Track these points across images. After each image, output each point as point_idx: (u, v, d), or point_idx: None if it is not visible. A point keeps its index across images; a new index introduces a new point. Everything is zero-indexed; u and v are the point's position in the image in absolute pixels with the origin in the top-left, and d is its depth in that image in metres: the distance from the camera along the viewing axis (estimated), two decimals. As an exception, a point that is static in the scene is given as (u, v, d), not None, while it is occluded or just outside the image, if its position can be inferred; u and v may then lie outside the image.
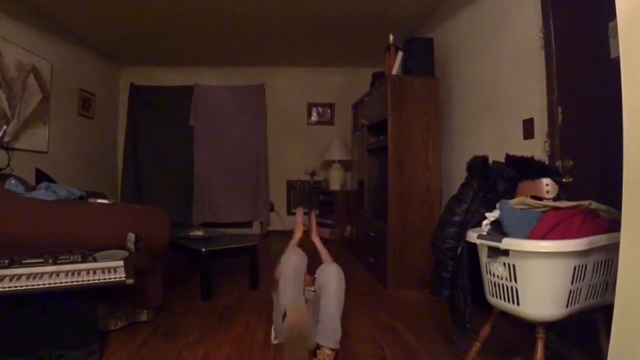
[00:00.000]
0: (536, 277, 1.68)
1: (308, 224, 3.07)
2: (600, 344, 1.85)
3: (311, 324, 2.34)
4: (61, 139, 5.37)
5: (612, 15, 1.22)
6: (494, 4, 3.64)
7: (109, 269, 2.36)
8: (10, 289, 2.09)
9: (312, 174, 7.21)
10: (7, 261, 2.29)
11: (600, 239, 1.66)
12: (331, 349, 2.33)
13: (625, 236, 1.18)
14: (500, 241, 1.75)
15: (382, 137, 4.36)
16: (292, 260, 2.53)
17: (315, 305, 2.47)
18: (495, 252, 1.79)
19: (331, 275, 2.45)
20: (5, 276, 2.17)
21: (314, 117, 7.54)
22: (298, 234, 2.97)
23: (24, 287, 2.11)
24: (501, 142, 3.40)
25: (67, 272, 2.28)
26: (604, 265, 1.74)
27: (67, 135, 5.56)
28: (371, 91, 4.89)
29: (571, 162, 2.57)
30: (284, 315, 2.27)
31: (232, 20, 5.15)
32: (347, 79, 7.30)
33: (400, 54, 4.23)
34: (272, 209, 7.31)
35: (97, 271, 2.33)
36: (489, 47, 3.69)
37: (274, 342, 2.64)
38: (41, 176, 3.81)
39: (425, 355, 2.53)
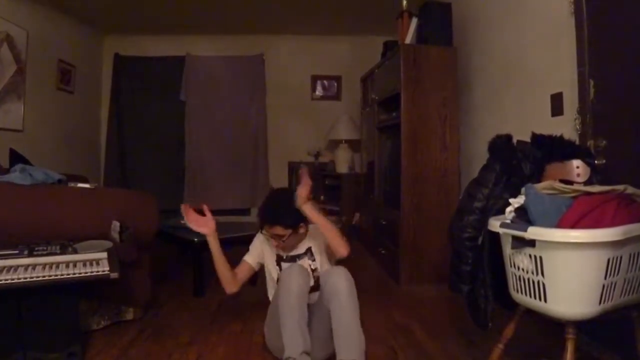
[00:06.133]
0: (566, 270, 1.66)
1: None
2: (636, 345, 1.84)
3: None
4: (38, 116, 5.34)
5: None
6: (519, -37, 3.57)
7: (90, 262, 2.36)
8: (-19, 283, 2.09)
9: (317, 155, 7.17)
10: (-23, 253, 2.28)
11: (637, 228, 1.64)
12: None
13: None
14: (525, 230, 1.73)
15: (394, 114, 4.33)
16: (294, 286, 2.27)
17: (320, 311, 2.34)
18: (520, 243, 1.77)
19: (340, 281, 2.28)
20: (-25, 269, 2.17)
21: (319, 92, 7.48)
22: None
23: (-3, 282, 2.12)
24: (527, 119, 3.36)
25: (44, 265, 2.27)
26: (641, 258, 1.73)
27: (45, 112, 5.54)
28: (382, 62, 4.85)
29: (604, 142, 2.53)
30: None
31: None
32: (355, 49, 7.20)
33: (414, 21, 4.18)
34: (272, 195, 7.28)
35: (78, 264, 2.33)
36: (513, 12, 3.62)
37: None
38: (15, 157, 3.80)
39: (443, 358, 2.53)
